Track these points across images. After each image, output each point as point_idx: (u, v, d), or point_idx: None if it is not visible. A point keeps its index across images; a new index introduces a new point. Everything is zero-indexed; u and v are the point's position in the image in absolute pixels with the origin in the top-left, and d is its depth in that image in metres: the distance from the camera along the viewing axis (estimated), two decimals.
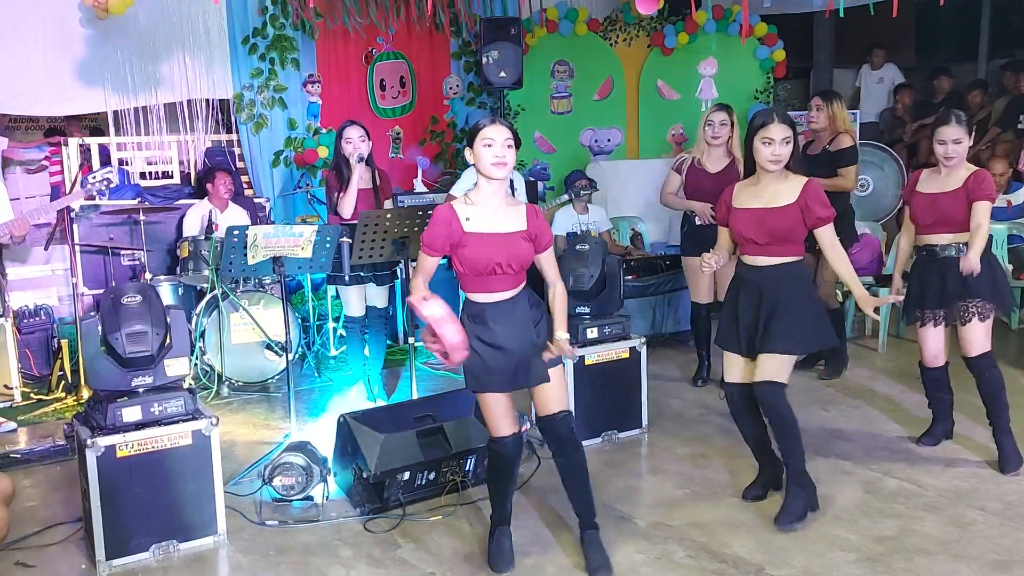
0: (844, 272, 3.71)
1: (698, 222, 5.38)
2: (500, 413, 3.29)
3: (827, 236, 3.66)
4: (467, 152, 3.21)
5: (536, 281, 3.37)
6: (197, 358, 5.70)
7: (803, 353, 3.87)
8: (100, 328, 3.50)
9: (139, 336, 3.47)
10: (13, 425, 5.10)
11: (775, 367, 3.66)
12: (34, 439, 4.94)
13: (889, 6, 4.58)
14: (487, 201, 3.20)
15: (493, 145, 3.12)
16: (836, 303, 5.83)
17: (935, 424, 4.53)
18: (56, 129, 10.85)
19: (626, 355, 4.74)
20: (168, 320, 3.59)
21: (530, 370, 3.24)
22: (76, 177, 5.99)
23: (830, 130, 5.44)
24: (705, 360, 5.66)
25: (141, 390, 3.56)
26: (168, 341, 3.58)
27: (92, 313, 3.65)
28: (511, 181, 6.27)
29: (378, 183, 5.27)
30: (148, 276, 5.77)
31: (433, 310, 3.05)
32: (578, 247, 4.80)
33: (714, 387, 5.51)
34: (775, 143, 3.58)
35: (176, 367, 3.60)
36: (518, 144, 3.26)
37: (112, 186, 5.37)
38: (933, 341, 4.33)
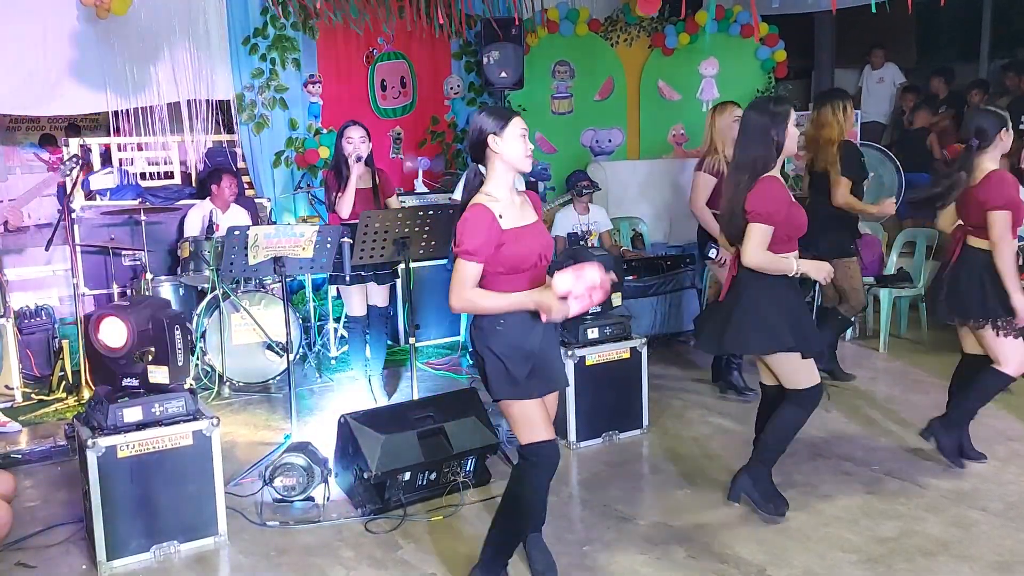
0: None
1: (718, 258, 4.98)
2: (543, 416, 3.07)
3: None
4: (492, 141, 2.95)
5: None
6: (198, 359, 5.70)
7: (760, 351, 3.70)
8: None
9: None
10: (18, 426, 5.10)
11: (779, 374, 3.73)
12: (35, 439, 4.93)
13: (891, 5, 4.57)
14: (508, 195, 3.05)
15: (526, 135, 3.01)
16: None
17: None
18: (49, 136, 10.86)
19: (627, 355, 4.74)
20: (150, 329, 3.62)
21: (559, 371, 3.20)
22: (76, 178, 5.99)
23: None
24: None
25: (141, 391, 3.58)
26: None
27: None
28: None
29: (378, 183, 5.27)
30: (149, 276, 5.77)
31: (565, 282, 2.83)
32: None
33: (715, 387, 5.52)
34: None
35: (158, 375, 3.60)
36: None
37: (79, 163, 5.42)
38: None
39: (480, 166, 3.05)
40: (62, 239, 5.65)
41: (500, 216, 2.95)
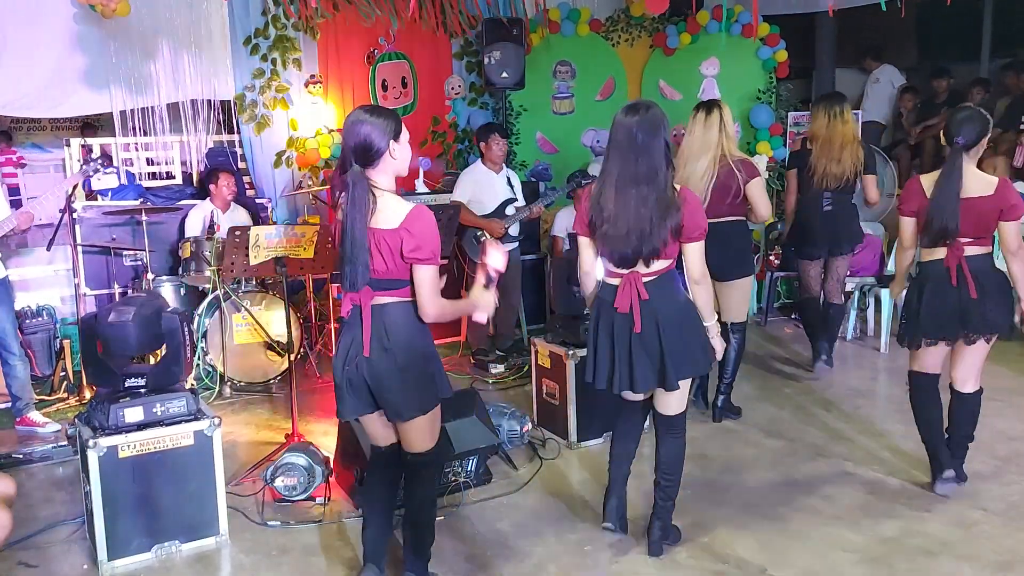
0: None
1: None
2: None
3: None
4: (392, 147, 2.94)
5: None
6: (199, 359, 5.70)
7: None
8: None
9: (122, 310, 3.58)
10: (57, 426, 5.11)
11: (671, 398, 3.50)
12: (36, 439, 4.97)
13: (891, 6, 4.57)
14: None
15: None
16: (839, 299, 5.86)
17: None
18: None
19: None
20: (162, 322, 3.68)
21: None
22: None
23: None
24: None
25: (142, 392, 3.58)
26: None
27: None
28: (508, 179, 6.27)
29: None
30: (150, 276, 5.78)
31: (499, 259, 3.06)
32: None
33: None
34: None
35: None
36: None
37: (107, 167, 5.40)
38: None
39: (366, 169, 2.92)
40: (63, 239, 5.66)
41: None
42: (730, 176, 4.67)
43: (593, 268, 3.43)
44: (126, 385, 3.61)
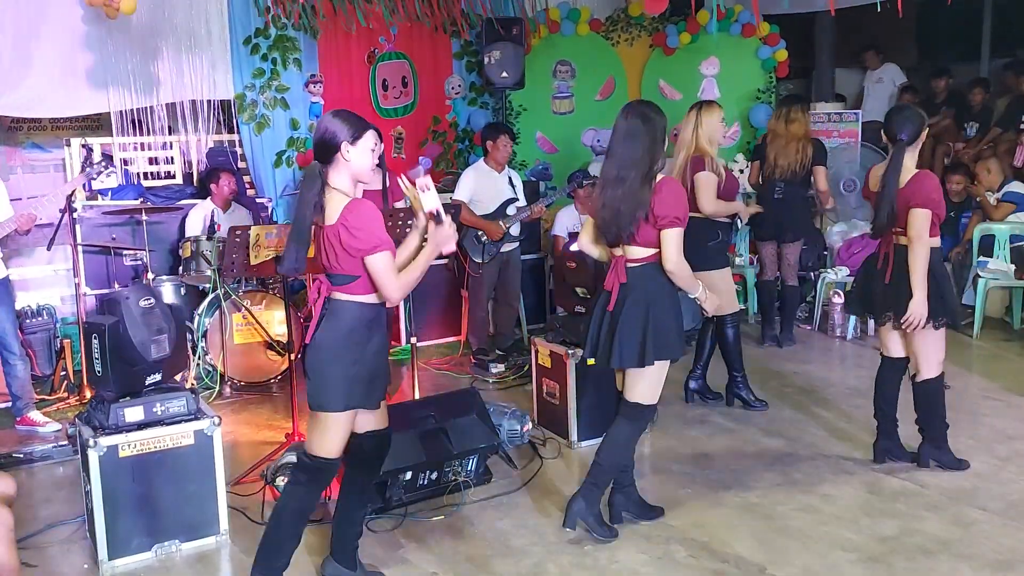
0: None
1: (742, 225, 6.12)
2: (349, 431, 3.10)
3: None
4: (344, 148, 3.03)
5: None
6: (199, 358, 5.71)
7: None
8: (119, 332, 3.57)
9: (161, 340, 3.61)
10: (58, 426, 5.11)
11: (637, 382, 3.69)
12: (36, 439, 4.97)
13: (891, 5, 4.57)
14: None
15: (377, 151, 3.15)
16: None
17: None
18: None
19: None
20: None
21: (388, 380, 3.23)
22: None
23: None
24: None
25: (148, 389, 3.61)
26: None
27: (103, 317, 3.64)
28: (510, 179, 6.29)
29: (388, 185, 5.25)
30: (150, 276, 5.78)
31: (433, 199, 3.26)
32: None
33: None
34: None
35: None
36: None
37: (110, 169, 5.42)
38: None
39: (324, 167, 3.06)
40: (64, 239, 5.66)
41: None
42: (685, 173, 4.95)
43: (588, 245, 3.76)
44: (146, 383, 3.64)
